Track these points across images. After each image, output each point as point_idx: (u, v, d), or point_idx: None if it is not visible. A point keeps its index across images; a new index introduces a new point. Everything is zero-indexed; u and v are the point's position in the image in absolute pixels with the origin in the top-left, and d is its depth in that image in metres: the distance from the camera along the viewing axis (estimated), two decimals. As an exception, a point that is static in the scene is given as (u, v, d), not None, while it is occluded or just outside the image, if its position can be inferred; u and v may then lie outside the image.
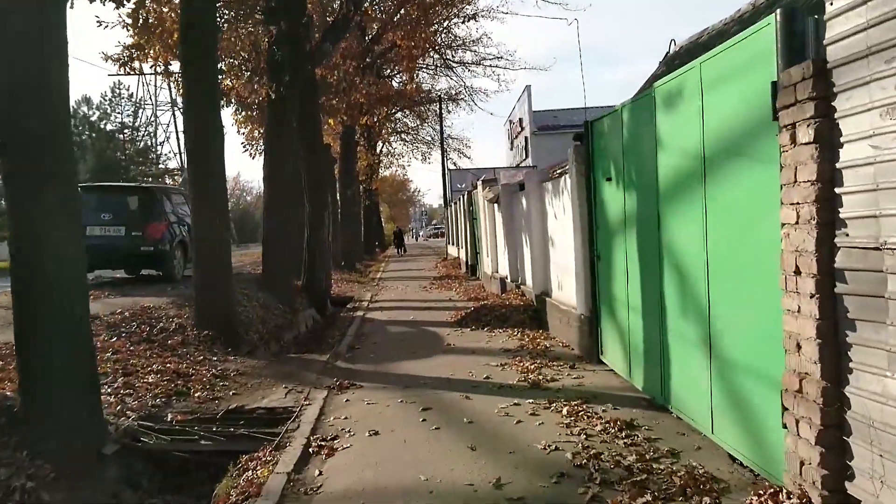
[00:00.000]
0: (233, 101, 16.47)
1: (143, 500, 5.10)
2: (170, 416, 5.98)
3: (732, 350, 4.33)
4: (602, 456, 4.59)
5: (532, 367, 7.53)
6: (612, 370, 7.10)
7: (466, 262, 23.35)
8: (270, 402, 6.58)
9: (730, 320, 4.36)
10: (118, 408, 6.00)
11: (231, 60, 15.47)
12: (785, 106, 3.51)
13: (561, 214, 9.30)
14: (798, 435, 3.51)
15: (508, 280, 13.71)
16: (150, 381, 6.79)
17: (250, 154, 17.83)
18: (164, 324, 9.07)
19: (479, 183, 17.45)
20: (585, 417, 5.53)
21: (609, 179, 6.78)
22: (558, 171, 9.43)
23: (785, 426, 3.65)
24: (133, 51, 15.31)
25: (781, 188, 3.57)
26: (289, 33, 12.92)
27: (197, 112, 9.30)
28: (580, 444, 4.88)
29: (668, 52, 12.68)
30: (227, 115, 18.62)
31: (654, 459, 4.49)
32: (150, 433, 5.59)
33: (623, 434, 5.05)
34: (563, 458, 4.64)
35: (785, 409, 3.64)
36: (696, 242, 4.76)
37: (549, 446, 4.88)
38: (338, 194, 28.35)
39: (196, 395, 6.67)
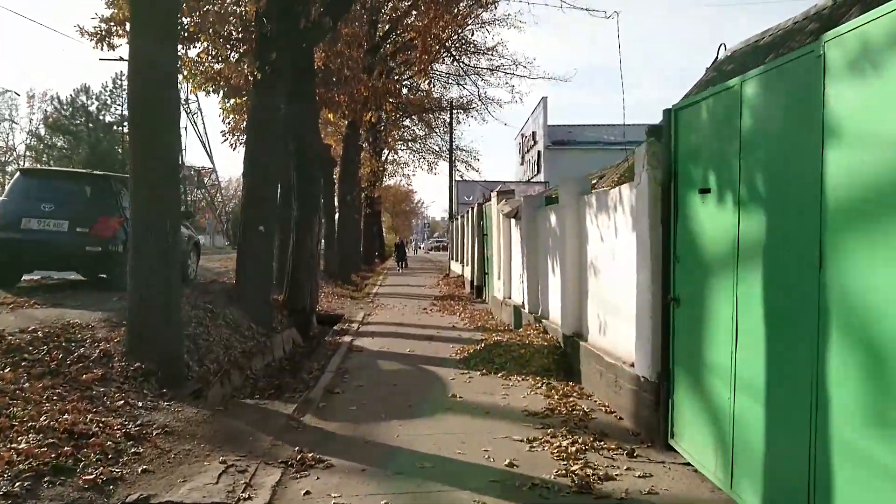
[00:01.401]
0: (221, 86, 14.39)
1: None
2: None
3: None
4: None
5: (573, 448, 5.37)
6: (690, 464, 4.95)
7: (472, 281, 21.22)
8: (191, 492, 4.43)
9: None
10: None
11: (218, 38, 13.43)
12: None
13: (610, 236, 7.18)
14: None
15: (525, 310, 11.57)
16: (25, 445, 4.65)
17: (230, 144, 15.71)
18: (84, 349, 6.93)
19: (494, 195, 15.37)
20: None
21: (705, 191, 4.67)
22: (610, 181, 7.34)
23: None
24: (111, 24, 13.34)
25: None
26: (281, 2, 10.87)
27: (146, 46, 7.09)
28: None
29: (716, 58, 11.06)
30: (214, 102, 16.49)
31: None
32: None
33: None
34: None
35: None
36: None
37: None
38: (335, 199, 26.26)
39: (86, 472, 4.51)
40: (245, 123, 12.19)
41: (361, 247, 39.96)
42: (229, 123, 15.55)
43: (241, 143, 15.04)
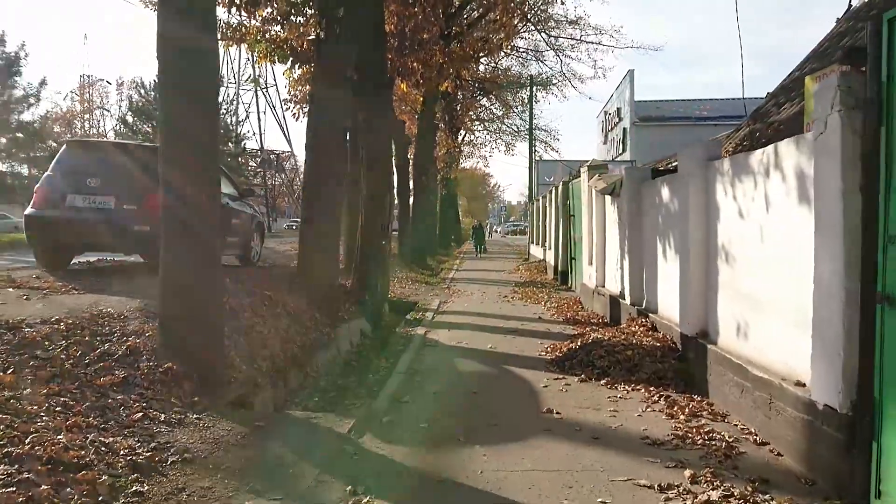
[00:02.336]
0: (286, 54, 13.25)
1: None
2: None
3: None
4: None
5: (727, 504, 3.85)
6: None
7: (555, 266, 19.62)
8: (196, 564, 3.17)
9: None
10: None
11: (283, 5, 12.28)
12: None
13: (756, 212, 5.53)
14: None
15: (625, 301, 9.95)
16: (-7, 478, 3.51)
17: (293, 114, 14.56)
18: (110, 345, 5.84)
19: (584, 169, 13.71)
20: None
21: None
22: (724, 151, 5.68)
23: None
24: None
25: None
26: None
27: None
28: None
29: (849, 7, 9.39)
30: (279, 72, 15.34)
31: None
32: None
33: None
34: None
35: None
36: None
37: None
38: (410, 180, 25.06)
39: (64, 524, 3.33)
40: (309, 91, 10.99)
41: (437, 230, 38.84)
42: (295, 95, 14.44)
43: (304, 113, 13.91)
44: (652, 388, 6.56)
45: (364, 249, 11.89)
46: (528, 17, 26.90)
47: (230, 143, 62.32)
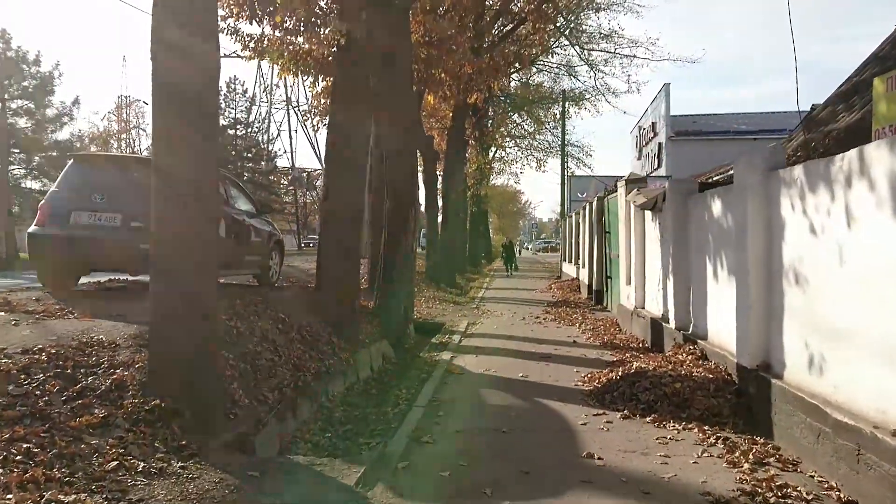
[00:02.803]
0: (309, 64, 12.73)
1: None
2: None
3: None
4: None
5: None
6: None
7: (589, 285, 18.76)
8: None
9: None
10: None
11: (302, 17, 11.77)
12: None
13: (835, 227, 4.70)
14: None
15: (669, 325, 9.12)
16: None
17: (314, 126, 13.98)
18: (95, 378, 5.22)
19: (622, 184, 12.91)
20: None
21: None
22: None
23: None
24: None
25: None
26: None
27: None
28: None
29: None
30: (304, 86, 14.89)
31: None
32: None
33: None
34: None
35: None
36: None
37: None
38: (439, 196, 24.42)
39: None
40: (329, 101, 10.42)
41: (467, 247, 38.12)
42: (316, 107, 13.91)
43: (324, 125, 13.34)
44: (706, 428, 5.74)
45: (387, 268, 11.24)
46: (561, 29, 26.29)
47: (263, 162, 62.79)
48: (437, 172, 25.62)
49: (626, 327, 12.16)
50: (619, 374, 7.40)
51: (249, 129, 63.15)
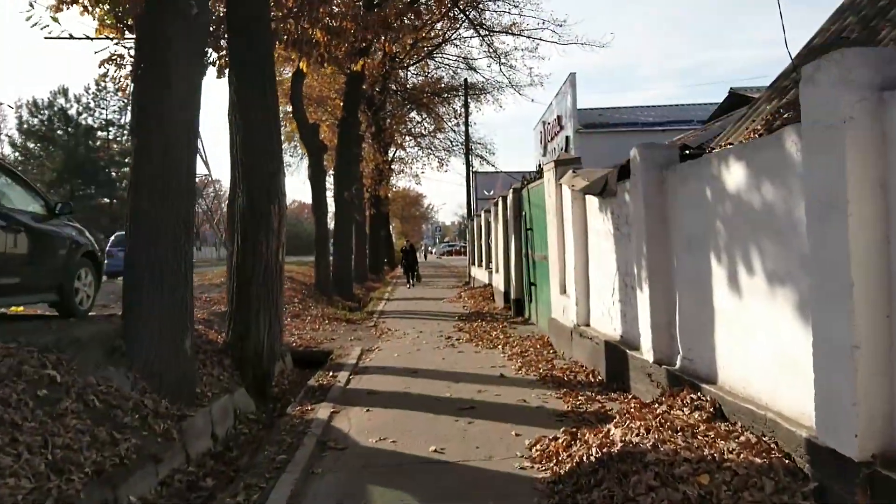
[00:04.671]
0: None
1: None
2: None
3: None
4: None
5: None
6: None
7: (506, 293, 16.09)
8: None
9: None
10: None
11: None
12: None
13: None
14: None
15: (638, 353, 6.42)
16: None
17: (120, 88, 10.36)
18: None
19: (550, 167, 10.23)
20: None
21: None
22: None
23: None
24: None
25: None
26: None
27: None
28: None
29: None
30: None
31: None
32: None
33: None
34: None
35: None
36: None
37: None
38: (330, 196, 21.19)
39: None
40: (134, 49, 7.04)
41: (367, 253, 34.93)
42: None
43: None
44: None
45: (242, 285, 8.05)
46: (462, 8, 23.67)
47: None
48: (328, 170, 22.41)
49: (563, 349, 9.46)
50: (593, 452, 4.55)
51: (124, 132, 57.26)
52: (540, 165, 12.09)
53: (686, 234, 5.55)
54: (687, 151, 6.54)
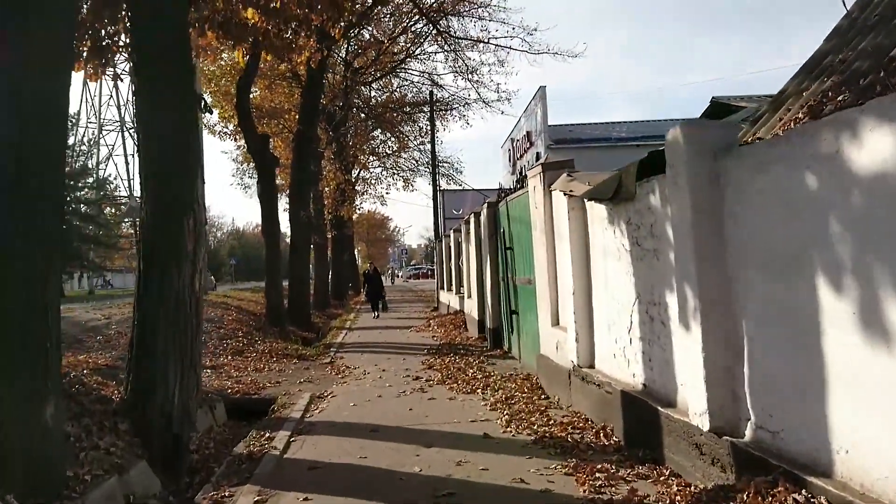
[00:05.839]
0: None
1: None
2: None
3: None
4: None
5: None
6: None
7: (480, 321, 14.30)
8: None
9: None
10: None
11: None
12: None
13: None
14: None
15: (679, 414, 4.65)
16: None
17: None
18: None
19: (536, 173, 8.51)
20: None
21: None
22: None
23: None
24: None
25: None
26: None
27: None
28: None
29: None
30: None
31: None
32: None
33: None
34: None
35: None
36: None
37: None
38: (281, 215, 19.24)
39: None
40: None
41: (329, 278, 32.86)
42: None
43: None
44: None
45: (144, 324, 6.12)
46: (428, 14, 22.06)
47: (87, 189, 53.56)
48: (280, 185, 20.50)
49: (557, 394, 7.68)
50: None
51: (71, 153, 54.20)
52: (522, 173, 10.36)
53: (764, 247, 3.81)
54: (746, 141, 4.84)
